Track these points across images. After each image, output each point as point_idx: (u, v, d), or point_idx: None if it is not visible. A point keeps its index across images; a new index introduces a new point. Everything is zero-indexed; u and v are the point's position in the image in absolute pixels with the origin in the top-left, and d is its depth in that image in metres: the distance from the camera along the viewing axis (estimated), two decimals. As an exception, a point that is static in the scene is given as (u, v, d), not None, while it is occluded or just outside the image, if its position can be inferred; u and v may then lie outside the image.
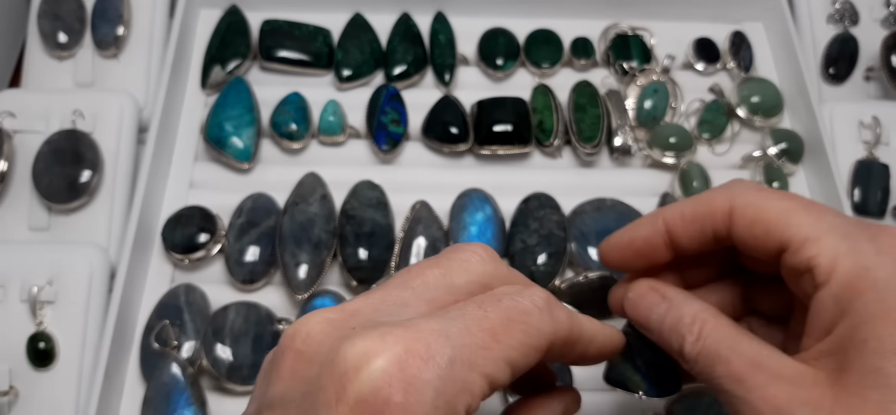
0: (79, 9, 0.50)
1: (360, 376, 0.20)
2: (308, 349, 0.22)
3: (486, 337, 0.22)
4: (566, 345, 0.25)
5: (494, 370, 0.22)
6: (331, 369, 0.21)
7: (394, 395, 0.20)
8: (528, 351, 0.23)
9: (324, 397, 0.20)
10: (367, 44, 0.50)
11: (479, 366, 0.21)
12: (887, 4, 0.53)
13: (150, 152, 0.44)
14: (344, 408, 0.20)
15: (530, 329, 0.23)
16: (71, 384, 0.39)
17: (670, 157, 0.46)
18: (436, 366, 0.21)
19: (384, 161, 0.47)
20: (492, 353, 0.22)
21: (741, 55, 0.50)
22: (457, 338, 0.21)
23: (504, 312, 0.23)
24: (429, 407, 0.20)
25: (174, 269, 0.43)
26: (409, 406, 0.20)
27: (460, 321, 0.22)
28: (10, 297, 0.41)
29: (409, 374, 0.20)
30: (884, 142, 0.47)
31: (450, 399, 0.21)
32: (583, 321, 0.26)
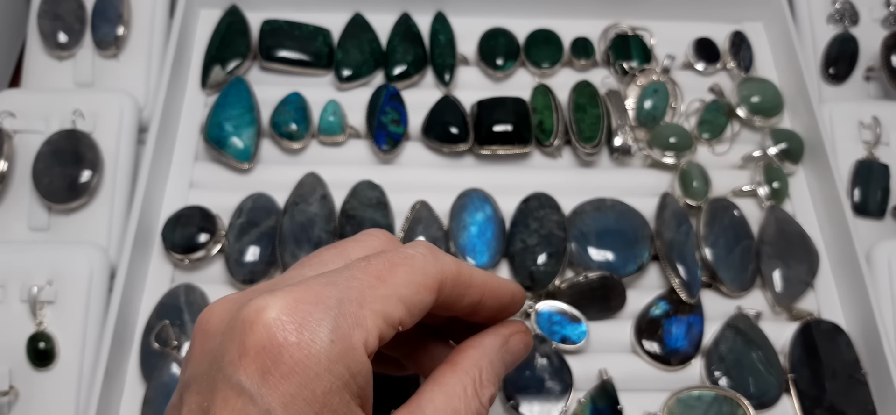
0: (79, 9, 0.50)
1: (255, 328, 0.21)
2: (211, 327, 0.24)
3: (372, 279, 0.23)
4: (457, 287, 0.26)
5: (385, 306, 0.23)
6: (231, 333, 0.22)
7: (289, 336, 0.21)
8: (418, 289, 0.24)
9: (228, 358, 0.22)
10: (367, 44, 0.50)
11: (368, 303, 0.23)
12: (887, 4, 0.53)
13: (150, 152, 0.43)
14: (247, 361, 0.21)
15: (414, 269, 0.24)
16: (71, 384, 0.39)
17: (670, 157, 0.46)
18: (325, 307, 0.22)
19: (384, 161, 0.47)
20: (379, 291, 0.23)
21: (741, 55, 0.50)
22: (343, 283, 0.23)
23: (387, 259, 0.24)
24: (325, 343, 0.21)
25: (174, 269, 0.43)
26: (304, 343, 0.21)
27: (346, 272, 0.24)
28: (10, 297, 0.41)
29: (300, 316, 0.22)
30: (884, 142, 0.47)
31: (344, 334, 0.22)
32: (473, 270, 0.27)
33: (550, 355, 0.39)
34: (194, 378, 0.23)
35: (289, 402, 0.21)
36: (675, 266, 0.41)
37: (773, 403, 0.39)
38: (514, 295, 0.29)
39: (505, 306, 0.29)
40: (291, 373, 0.21)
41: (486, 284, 0.28)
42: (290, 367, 0.21)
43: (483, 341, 0.28)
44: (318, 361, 0.21)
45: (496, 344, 0.28)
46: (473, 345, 0.27)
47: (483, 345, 0.27)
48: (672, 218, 0.43)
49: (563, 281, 0.41)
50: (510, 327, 0.29)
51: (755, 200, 0.46)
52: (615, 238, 0.43)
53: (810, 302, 0.43)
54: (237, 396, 0.21)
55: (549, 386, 0.38)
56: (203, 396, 0.22)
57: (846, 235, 0.42)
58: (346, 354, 0.22)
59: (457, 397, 0.25)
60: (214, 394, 0.22)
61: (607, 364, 0.40)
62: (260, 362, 0.21)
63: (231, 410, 0.21)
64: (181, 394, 0.23)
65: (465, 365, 0.26)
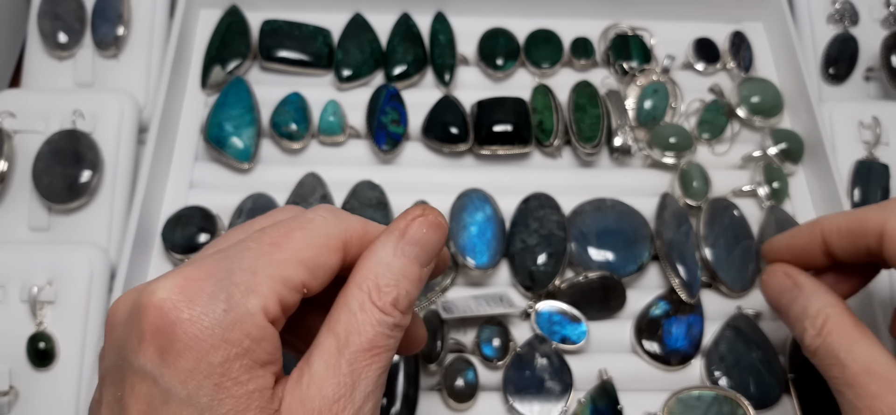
0: (79, 9, 0.50)
1: (149, 312, 0.22)
2: (116, 319, 0.24)
3: (267, 247, 0.23)
4: (364, 245, 0.25)
5: (282, 271, 0.23)
6: (130, 321, 0.22)
7: (180, 314, 0.21)
8: (319, 251, 0.24)
9: (130, 346, 0.22)
10: (367, 44, 0.50)
11: (263, 270, 0.23)
12: (887, 4, 0.53)
13: (150, 152, 0.44)
14: (145, 345, 0.22)
15: (313, 232, 0.24)
16: (71, 384, 0.39)
17: (670, 157, 0.46)
18: (215, 279, 0.22)
19: (384, 161, 0.47)
20: (275, 257, 0.23)
21: (741, 55, 0.50)
22: (236, 255, 0.23)
23: (284, 226, 0.24)
24: (218, 314, 0.22)
25: (174, 269, 0.43)
26: (195, 318, 0.21)
27: (240, 244, 0.23)
28: (10, 297, 0.41)
29: (191, 292, 0.22)
30: (884, 142, 0.47)
31: (237, 302, 0.22)
32: (379, 228, 0.26)
33: (550, 355, 0.39)
34: (107, 371, 0.23)
35: (187, 377, 0.21)
36: (675, 266, 0.42)
37: (773, 403, 0.39)
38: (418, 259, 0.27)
39: None
40: (187, 349, 0.21)
41: None
42: (185, 343, 0.21)
43: (374, 246, 0.25)
44: (212, 332, 0.21)
45: (390, 243, 0.25)
46: (366, 256, 0.25)
47: (373, 250, 0.25)
48: (672, 218, 0.43)
49: (563, 281, 0.41)
50: (405, 217, 0.25)
51: (755, 200, 0.46)
52: (615, 238, 0.43)
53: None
54: (141, 380, 0.21)
55: (548, 386, 0.38)
56: (116, 386, 0.22)
57: (846, 235, 0.42)
58: (242, 320, 0.22)
59: (350, 317, 0.23)
60: (124, 383, 0.22)
61: (607, 364, 0.40)
62: (156, 343, 0.21)
63: (137, 395, 0.21)
64: (100, 389, 0.24)
65: (355, 280, 0.24)
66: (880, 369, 0.26)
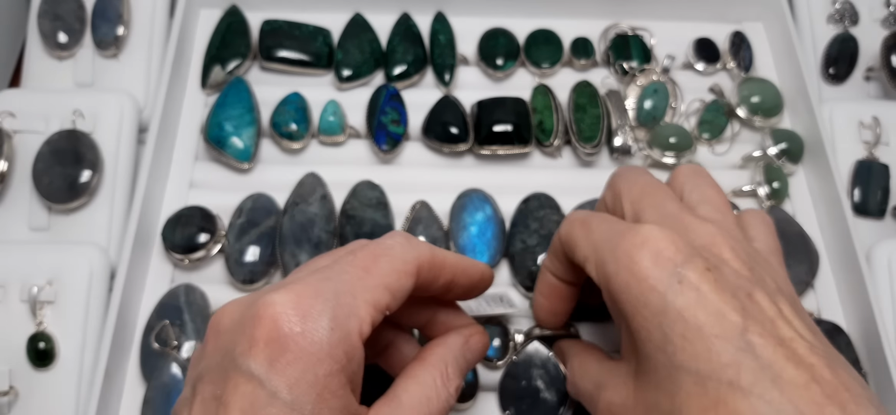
0: (79, 9, 0.50)
1: (264, 322, 0.24)
2: (222, 325, 0.26)
3: (360, 271, 0.27)
4: (432, 269, 0.29)
5: (374, 295, 0.26)
6: (241, 328, 0.25)
7: (294, 327, 0.24)
8: (399, 275, 0.27)
9: (239, 350, 0.24)
10: (367, 44, 0.50)
11: (360, 294, 0.26)
12: (887, 4, 0.53)
13: (150, 152, 0.43)
14: (256, 350, 0.24)
15: (395, 258, 0.27)
16: (71, 384, 0.39)
17: (670, 157, 0.46)
18: (324, 299, 0.25)
19: (384, 161, 0.47)
20: (368, 282, 0.26)
21: (741, 55, 0.50)
22: (337, 277, 0.26)
23: (370, 251, 0.28)
24: (326, 331, 0.24)
25: (174, 269, 0.43)
26: (308, 332, 0.24)
27: (337, 266, 0.27)
28: (10, 297, 0.41)
29: (304, 308, 0.24)
30: (884, 142, 0.47)
31: (342, 322, 0.25)
32: (444, 253, 0.30)
33: (546, 365, 0.39)
34: (207, 370, 0.25)
35: (293, 384, 0.23)
36: (675, 266, 0.41)
37: (773, 403, 0.39)
38: (482, 274, 0.32)
39: (475, 284, 0.32)
40: (296, 359, 0.24)
41: (458, 264, 0.31)
42: (295, 354, 0.24)
43: (447, 339, 0.31)
44: (320, 347, 0.24)
45: (459, 342, 0.31)
46: (439, 343, 0.31)
47: (447, 343, 0.31)
48: (672, 218, 0.43)
49: (563, 281, 0.41)
50: (470, 328, 0.32)
51: (755, 200, 0.46)
52: (615, 238, 0.43)
53: (810, 302, 0.43)
54: (247, 381, 0.23)
55: (544, 397, 0.38)
56: (216, 385, 0.24)
57: (846, 235, 0.42)
58: (344, 340, 0.25)
59: (428, 387, 0.28)
60: (226, 382, 0.24)
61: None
62: (268, 351, 0.24)
63: (241, 394, 0.23)
64: (193, 386, 0.26)
65: (432, 360, 0.29)
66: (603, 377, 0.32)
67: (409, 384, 0.28)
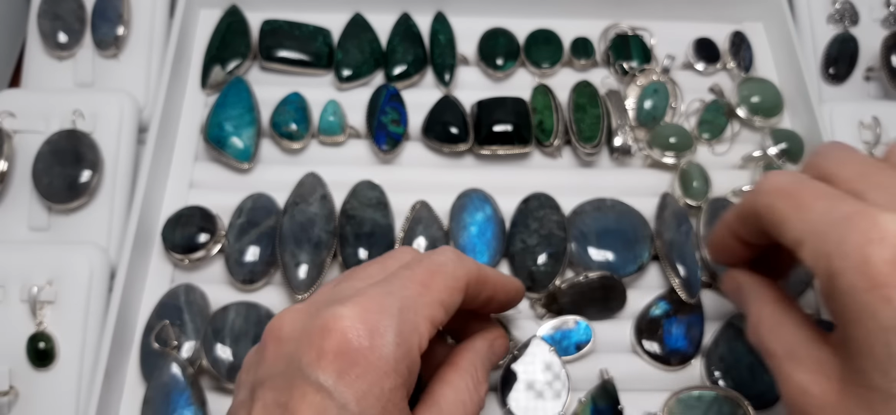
0: (79, 9, 0.50)
1: (333, 334, 0.25)
2: (284, 334, 0.26)
3: (419, 287, 0.27)
4: (478, 285, 0.30)
5: (432, 311, 0.27)
6: (308, 338, 0.25)
7: (363, 341, 0.25)
8: (452, 292, 0.28)
9: (306, 360, 0.25)
10: (367, 44, 0.50)
11: (420, 310, 0.27)
12: (887, 4, 0.53)
13: (150, 152, 0.43)
14: (325, 362, 0.24)
15: (449, 275, 0.29)
16: (71, 384, 0.39)
17: (670, 157, 0.46)
18: (389, 314, 0.26)
19: (384, 161, 0.47)
20: (426, 298, 0.27)
21: (741, 55, 0.50)
22: (399, 292, 0.27)
23: (426, 267, 0.28)
24: (392, 346, 0.25)
25: (174, 269, 0.43)
26: (375, 347, 0.25)
27: (397, 281, 0.28)
28: (10, 297, 0.41)
29: (372, 323, 0.25)
30: (884, 142, 0.47)
31: (405, 338, 0.26)
32: (487, 269, 0.32)
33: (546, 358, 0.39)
34: (269, 377, 0.26)
35: (361, 397, 0.24)
36: (675, 266, 0.41)
37: (773, 403, 0.39)
38: (518, 290, 0.35)
39: (511, 299, 0.34)
40: (365, 373, 0.24)
41: (498, 281, 0.32)
42: (364, 368, 0.24)
43: (475, 344, 0.32)
44: (386, 362, 0.25)
45: (485, 346, 0.32)
46: (468, 348, 0.32)
47: (475, 348, 0.32)
48: (672, 218, 0.43)
49: (563, 281, 0.41)
50: (494, 332, 0.34)
51: (755, 200, 0.46)
52: (615, 238, 0.43)
53: (810, 302, 0.43)
54: (316, 392, 0.24)
55: (544, 389, 0.38)
56: (280, 392, 0.25)
57: (846, 235, 0.42)
58: (407, 355, 0.26)
59: (463, 391, 0.29)
60: (292, 390, 0.24)
61: (608, 364, 0.40)
62: (338, 363, 0.24)
63: (309, 404, 0.24)
64: (253, 391, 0.26)
65: (464, 365, 0.31)
66: (799, 350, 0.28)
67: (446, 390, 0.29)
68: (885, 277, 0.23)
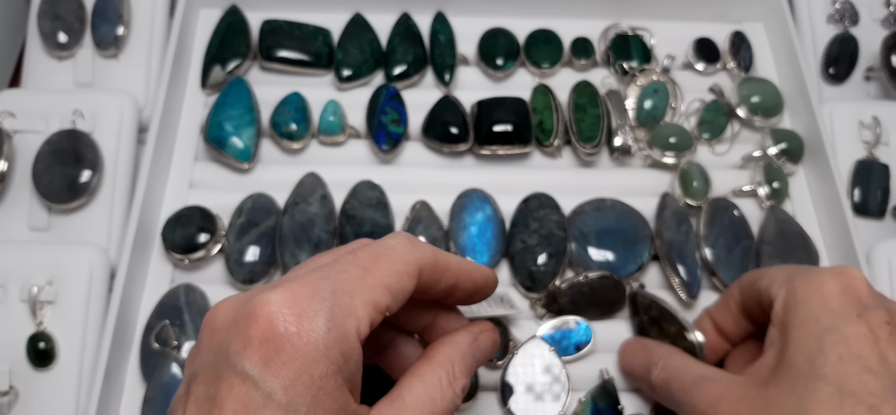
0: (79, 9, 0.50)
1: (259, 320, 0.23)
2: (217, 323, 0.25)
3: (359, 271, 0.26)
4: (435, 271, 0.28)
5: (374, 295, 0.26)
6: (235, 326, 0.24)
7: (289, 326, 0.23)
8: (399, 276, 0.27)
9: (233, 349, 0.24)
10: (367, 44, 0.50)
11: (359, 293, 0.25)
12: (887, 4, 0.53)
13: (150, 152, 0.43)
14: (251, 350, 0.23)
15: (396, 259, 0.27)
16: (71, 384, 0.39)
17: (670, 157, 0.46)
18: (321, 298, 0.24)
19: (384, 161, 0.47)
20: (367, 281, 0.26)
21: (741, 55, 0.50)
22: (335, 276, 0.25)
23: (371, 251, 0.27)
24: (322, 331, 0.24)
25: (174, 269, 0.43)
26: (303, 331, 0.23)
27: (336, 266, 0.26)
28: (10, 297, 0.41)
29: (300, 307, 0.24)
30: (884, 142, 0.47)
31: (339, 322, 0.24)
32: (447, 255, 0.29)
33: (546, 358, 0.39)
34: (201, 369, 0.25)
35: (289, 385, 0.23)
36: (675, 266, 0.41)
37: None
38: (486, 279, 0.32)
39: (479, 288, 0.31)
40: (292, 359, 0.23)
41: (461, 268, 0.30)
42: (291, 354, 0.23)
43: (455, 338, 0.30)
44: (315, 347, 0.23)
45: (467, 341, 0.30)
46: (447, 342, 0.30)
47: (455, 341, 0.30)
48: (672, 218, 0.43)
49: (563, 281, 0.41)
50: (479, 326, 0.32)
51: (755, 200, 0.46)
52: (615, 238, 0.43)
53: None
54: (242, 382, 0.23)
55: (544, 389, 0.38)
56: (209, 385, 0.24)
57: (846, 235, 0.42)
58: (341, 340, 0.24)
59: (433, 387, 0.28)
60: (220, 382, 0.23)
61: (608, 364, 0.40)
62: (263, 351, 0.23)
63: (235, 395, 0.23)
64: (188, 385, 0.25)
65: (439, 358, 0.29)
66: (707, 374, 0.33)
67: (414, 383, 0.28)
68: (834, 296, 0.30)
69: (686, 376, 0.34)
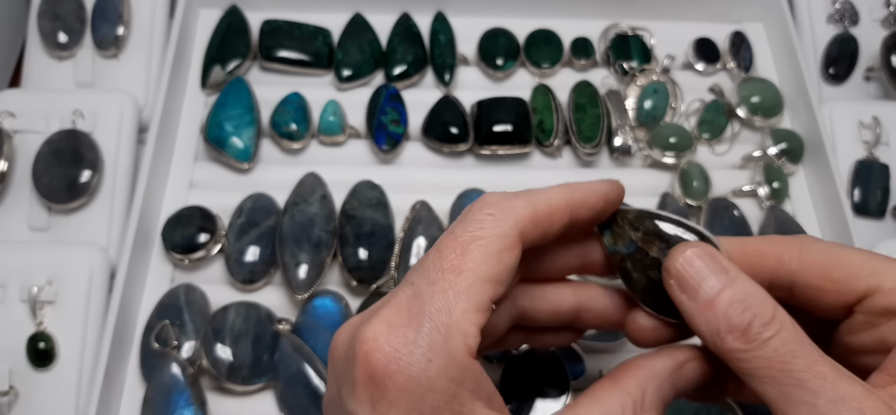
0: (79, 9, 0.50)
1: (359, 360, 0.23)
2: (336, 354, 0.25)
3: (450, 276, 0.23)
4: (539, 224, 0.25)
5: (473, 300, 0.23)
6: (347, 363, 0.23)
7: (390, 364, 0.22)
8: (498, 258, 0.24)
9: (346, 388, 0.23)
10: (367, 44, 0.50)
11: (454, 304, 0.23)
12: (887, 4, 0.53)
13: (150, 152, 0.44)
14: (359, 391, 0.23)
15: (487, 242, 0.24)
16: (71, 384, 0.39)
17: (670, 157, 0.46)
18: (416, 326, 0.22)
19: (384, 161, 0.47)
20: (461, 286, 0.23)
21: (741, 55, 0.50)
22: (427, 290, 0.23)
23: (455, 240, 0.24)
24: (422, 364, 0.22)
25: (174, 269, 0.43)
26: (403, 368, 0.22)
27: (425, 278, 0.23)
28: (10, 297, 0.41)
29: (396, 341, 0.22)
30: (884, 142, 0.47)
31: (440, 348, 0.22)
32: (549, 194, 0.26)
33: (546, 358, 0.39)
34: (329, 404, 0.25)
35: None
36: (675, 266, 0.41)
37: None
38: (607, 196, 0.27)
39: (603, 210, 0.27)
40: (397, 399, 0.22)
41: (572, 200, 0.26)
42: (396, 394, 0.22)
43: (654, 361, 0.25)
44: (419, 383, 0.22)
45: (668, 367, 0.25)
46: (641, 364, 0.25)
47: (653, 365, 0.25)
48: (672, 218, 0.43)
49: (563, 281, 0.41)
50: (688, 352, 0.26)
51: (755, 200, 0.46)
52: (615, 238, 0.43)
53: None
54: None
55: (544, 389, 0.38)
56: None
57: (846, 235, 0.42)
58: (447, 367, 0.22)
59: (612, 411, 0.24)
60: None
61: (608, 364, 0.40)
62: (369, 391, 0.22)
63: None
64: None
65: (627, 384, 0.25)
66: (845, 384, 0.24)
67: (591, 408, 0.24)
68: None
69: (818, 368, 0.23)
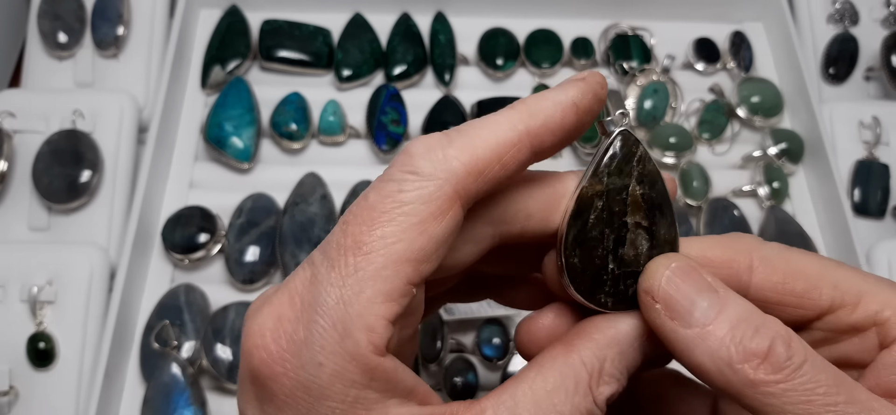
0: (79, 9, 0.50)
1: (245, 356, 0.19)
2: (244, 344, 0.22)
3: (351, 259, 0.18)
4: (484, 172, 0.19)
5: (377, 286, 0.18)
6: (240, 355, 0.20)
7: (275, 366, 0.19)
8: (422, 228, 0.18)
9: (238, 383, 0.20)
10: (367, 44, 0.50)
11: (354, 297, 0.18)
12: (887, 4, 0.53)
13: (150, 152, 0.43)
14: (247, 395, 0.20)
15: (408, 211, 0.19)
16: (71, 384, 0.39)
17: (670, 157, 0.46)
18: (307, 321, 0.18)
19: (384, 161, 0.47)
20: (366, 271, 0.18)
21: (741, 55, 0.50)
22: (324, 276, 0.19)
23: (367, 209, 0.19)
24: (313, 369, 0.18)
25: (174, 269, 0.43)
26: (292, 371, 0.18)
27: (326, 260, 0.19)
28: (10, 297, 0.41)
29: (283, 341, 0.19)
30: (884, 142, 0.47)
31: (333, 351, 0.18)
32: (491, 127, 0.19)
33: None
34: None
35: None
36: (675, 266, 0.41)
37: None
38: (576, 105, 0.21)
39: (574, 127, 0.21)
40: (285, 405, 0.19)
41: (529, 130, 0.20)
42: (282, 399, 0.19)
43: (618, 322, 0.21)
44: (308, 390, 0.18)
45: (635, 330, 0.20)
46: (600, 326, 0.21)
47: (616, 327, 0.20)
48: (672, 218, 0.43)
49: (563, 281, 0.41)
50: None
51: (755, 200, 0.46)
52: (615, 238, 0.43)
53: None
54: None
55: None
56: None
57: (846, 235, 0.42)
58: (342, 371, 0.18)
59: (563, 391, 0.19)
60: None
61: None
62: (255, 391, 0.19)
63: None
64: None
65: (582, 351, 0.20)
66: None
67: (537, 382, 0.19)
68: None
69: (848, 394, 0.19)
